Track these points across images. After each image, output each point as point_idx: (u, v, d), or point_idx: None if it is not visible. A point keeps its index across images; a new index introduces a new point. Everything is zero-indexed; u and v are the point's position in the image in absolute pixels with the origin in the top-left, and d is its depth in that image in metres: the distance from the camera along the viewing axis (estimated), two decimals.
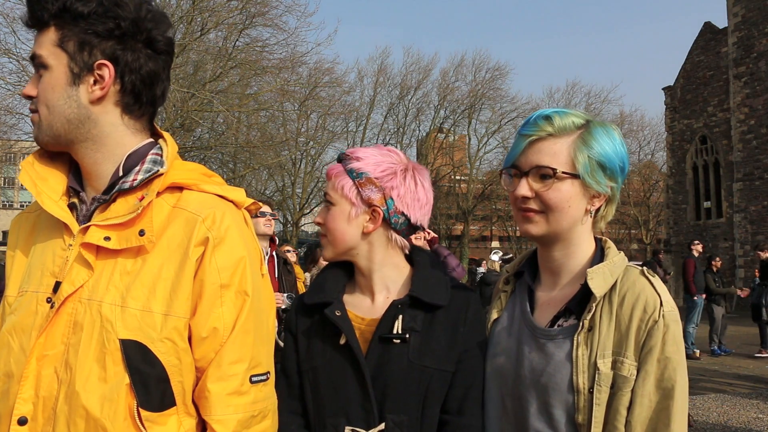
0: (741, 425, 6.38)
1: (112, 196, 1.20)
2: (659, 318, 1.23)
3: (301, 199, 31.90)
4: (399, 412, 1.33)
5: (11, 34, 14.88)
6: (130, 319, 1.11)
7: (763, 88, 20.14)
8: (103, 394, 1.09)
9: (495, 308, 1.49)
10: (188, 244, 1.17)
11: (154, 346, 1.12)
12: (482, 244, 46.48)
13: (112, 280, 1.14)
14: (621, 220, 45.40)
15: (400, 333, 1.36)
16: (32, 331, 1.14)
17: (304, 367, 1.41)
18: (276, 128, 22.60)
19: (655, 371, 1.22)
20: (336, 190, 1.45)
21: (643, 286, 1.28)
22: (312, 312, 1.45)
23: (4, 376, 1.14)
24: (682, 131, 24.31)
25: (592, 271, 1.30)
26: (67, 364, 1.11)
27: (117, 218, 1.16)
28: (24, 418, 1.10)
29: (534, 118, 1.36)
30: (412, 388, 1.35)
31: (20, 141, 19.45)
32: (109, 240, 1.15)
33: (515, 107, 37.40)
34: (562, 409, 1.26)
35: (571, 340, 1.28)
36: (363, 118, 35.41)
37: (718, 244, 22.06)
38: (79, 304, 1.13)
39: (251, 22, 17.62)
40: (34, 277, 1.19)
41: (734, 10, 21.13)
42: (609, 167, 1.34)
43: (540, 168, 1.31)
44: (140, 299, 1.13)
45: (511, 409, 1.35)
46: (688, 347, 10.69)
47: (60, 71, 1.17)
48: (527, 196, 1.32)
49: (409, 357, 1.35)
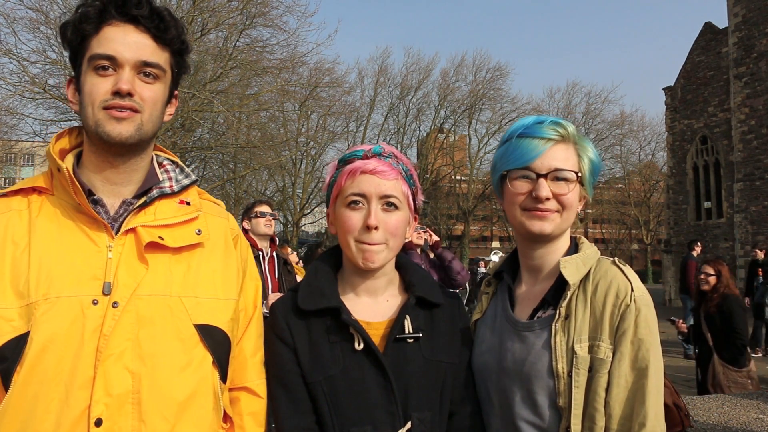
0: (741, 425, 6.37)
1: (152, 200, 1.29)
2: (631, 302, 1.31)
3: (301, 199, 31.92)
4: (423, 408, 1.35)
5: (12, 34, 14.89)
6: (201, 306, 1.26)
7: (764, 88, 20.12)
8: (189, 375, 1.22)
9: (477, 309, 1.59)
10: (226, 239, 1.39)
11: (224, 326, 1.30)
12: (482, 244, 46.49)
13: (172, 275, 1.24)
14: (621, 220, 45.39)
15: (411, 332, 1.38)
16: (85, 335, 1.14)
17: (315, 378, 1.34)
18: (276, 128, 22.64)
19: (629, 353, 1.29)
20: (401, 194, 1.41)
21: (614, 274, 1.36)
22: (309, 318, 1.38)
23: (64, 386, 1.13)
24: (682, 131, 24.29)
25: (564, 260, 1.40)
26: (141, 358, 1.17)
27: (168, 219, 1.28)
28: (99, 419, 1.12)
29: (543, 122, 1.42)
30: (431, 384, 1.38)
31: (20, 141, 19.44)
32: (163, 239, 1.24)
33: (515, 107, 37.51)
34: (545, 395, 1.33)
35: (549, 328, 1.35)
36: (363, 119, 35.46)
37: (719, 245, 22.05)
38: (139, 300, 1.19)
39: (252, 22, 17.64)
40: (61, 281, 1.16)
41: (735, 10, 21.11)
42: (596, 173, 1.47)
43: (560, 171, 1.39)
44: (208, 289, 1.29)
45: (497, 402, 1.42)
46: (687, 347, 10.70)
47: (164, 88, 1.30)
48: (550, 197, 1.39)
49: (423, 354, 1.38)
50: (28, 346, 1.12)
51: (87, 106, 1.23)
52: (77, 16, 1.24)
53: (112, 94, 1.22)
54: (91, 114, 1.23)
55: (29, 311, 1.14)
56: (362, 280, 1.45)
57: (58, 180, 1.26)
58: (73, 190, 1.21)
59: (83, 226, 1.22)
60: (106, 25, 1.24)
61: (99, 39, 1.23)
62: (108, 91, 1.22)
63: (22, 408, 1.11)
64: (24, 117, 16.41)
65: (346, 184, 1.40)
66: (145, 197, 1.28)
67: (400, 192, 1.40)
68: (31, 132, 17.12)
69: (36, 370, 1.12)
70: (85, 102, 1.24)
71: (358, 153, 1.41)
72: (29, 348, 1.12)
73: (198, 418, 1.23)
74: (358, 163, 1.39)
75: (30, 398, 1.11)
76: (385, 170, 1.38)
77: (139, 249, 1.22)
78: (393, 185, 1.39)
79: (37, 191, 1.27)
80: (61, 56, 15.17)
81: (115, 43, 1.23)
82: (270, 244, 4.88)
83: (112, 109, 1.22)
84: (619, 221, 45.58)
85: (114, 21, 1.24)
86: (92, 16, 1.23)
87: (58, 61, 15.10)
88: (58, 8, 14.96)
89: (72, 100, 1.29)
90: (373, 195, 1.38)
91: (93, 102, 1.22)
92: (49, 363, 1.12)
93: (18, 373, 1.12)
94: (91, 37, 1.24)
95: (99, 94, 1.22)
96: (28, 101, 15.88)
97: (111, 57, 1.22)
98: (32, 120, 16.78)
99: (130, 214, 1.26)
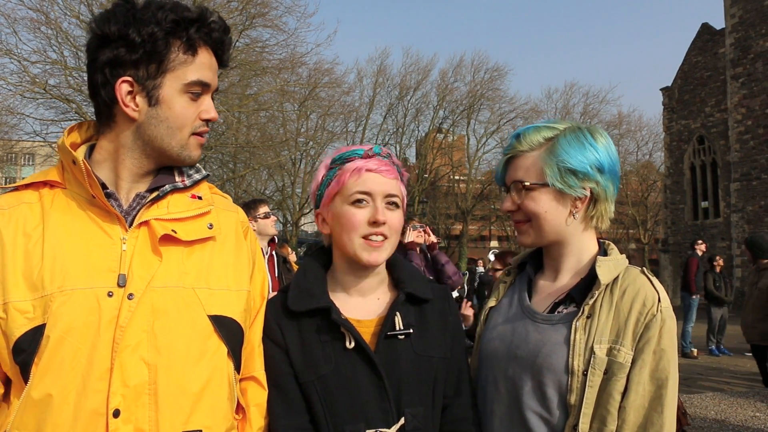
0: (738, 423, 6.44)
1: (164, 194, 1.30)
2: (657, 312, 1.32)
3: (300, 199, 31.87)
4: (415, 404, 1.36)
5: (12, 34, 14.88)
6: (215, 298, 1.28)
7: (761, 88, 20.20)
8: (204, 366, 1.24)
9: (493, 296, 1.60)
10: (236, 232, 1.40)
11: (238, 317, 1.32)
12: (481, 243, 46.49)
13: (185, 267, 1.26)
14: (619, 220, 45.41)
15: (402, 329, 1.39)
16: (101, 326, 1.16)
17: (308, 378, 1.36)
18: (276, 128, 22.64)
19: (650, 362, 1.31)
20: (400, 193, 1.45)
21: (643, 282, 1.38)
22: (300, 319, 1.40)
23: (81, 377, 1.14)
24: (679, 131, 24.36)
25: (600, 259, 1.41)
26: (157, 349, 1.18)
27: (181, 213, 1.30)
28: (117, 410, 1.14)
29: (511, 137, 1.51)
30: (423, 379, 1.39)
31: (21, 141, 19.44)
32: (175, 232, 1.26)
33: (514, 108, 37.50)
34: (555, 389, 1.34)
35: (569, 325, 1.36)
36: (362, 119, 35.42)
37: (716, 244, 22.11)
38: (153, 291, 1.21)
39: (251, 22, 17.63)
40: (76, 274, 1.17)
41: (731, 11, 21.18)
42: (580, 171, 1.41)
43: (515, 182, 1.46)
44: (221, 280, 1.31)
45: (504, 390, 1.43)
46: (686, 346, 10.73)
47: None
48: (511, 210, 1.48)
49: (414, 350, 1.39)
50: (45, 337, 1.13)
51: (177, 128, 1.28)
52: (171, 25, 1.23)
53: (202, 121, 1.31)
54: (179, 136, 1.29)
55: (44, 303, 1.14)
56: (355, 279, 1.45)
57: (71, 173, 1.26)
58: (90, 183, 1.21)
59: (97, 219, 1.23)
60: (200, 49, 1.28)
61: (195, 65, 1.27)
62: (197, 117, 1.30)
63: (40, 399, 1.12)
64: (24, 117, 16.39)
65: (349, 182, 1.40)
66: (157, 191, 1.29)
67: (400, 191, 1.44)
68: (31, 132, 17.04)
69: (53, 362, 1.13)
70: (177, 124, 1.28)
71: (359, 152, 1.42)
72: (46, 340, 1.13)
73: (213, 408, 1.24)
74: (361, 162, 1.40)
75: (48, 389, 1.12)
76: (387, 169, 1.41)
77: (153, 241, 1.23)
78: (395, 184, 1.43)
79: (49, 185, 1.27)
80: (61, 56, 15.18)
81: (210, 71, 1.30)
82: (269, 243, 4.90)
83: (201, 136, 1.33)
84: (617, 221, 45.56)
85: (204, 46, 1.29)
86: (195, 37, 1.27)
87: (58, 62, 15.10)
88: (58, 8, 14.97)
89: (128, 104, 1.25)
90: (378, 193, 1.40)
91: (184, 125, 1.29)
92: (65, 354, 1.13)
93: (36, 365, 1.13)
94: (183, 59, 1.26)
95: (191, 117, 1.29)
96: (28, 101, 15.88)
97: (206, 84, 1.30)
98: (33, 120, 16.77)
99: (143, 207, 1.26)
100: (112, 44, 1.22)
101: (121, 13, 1.22)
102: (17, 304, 1.14)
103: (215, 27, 1.29)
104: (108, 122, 1.29)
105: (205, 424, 1.23)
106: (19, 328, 1.13)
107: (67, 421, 1.12)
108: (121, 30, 1.21)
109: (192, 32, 1.25)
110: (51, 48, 15.27)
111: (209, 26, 1.28)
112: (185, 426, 1.20)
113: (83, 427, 1.13)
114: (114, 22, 1.22)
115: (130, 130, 1.27)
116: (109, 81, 1.23)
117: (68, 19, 15.03)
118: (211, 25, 1.28)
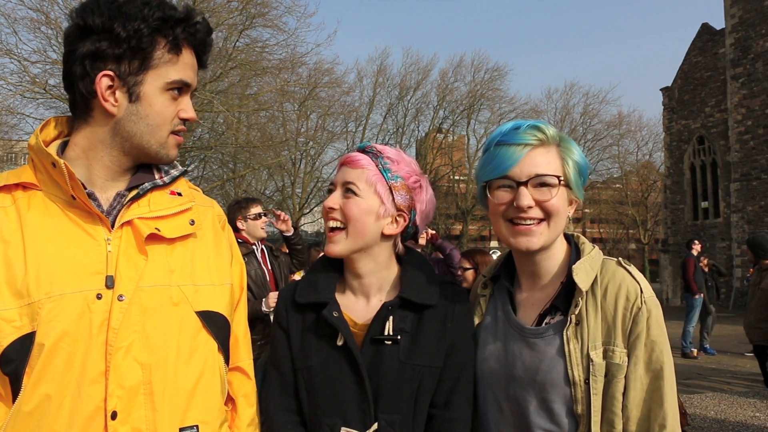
0: (738, 423, 6.44)
1: (144, 192, 1.27)
2: (642, 305, 1.30)
3: (300, 199, 31.88)
4: (391, 411, 1.34)
5: (12, 34, 14.91)
6: (200, 294, 1.28)
7: (760, 89, 20.21)
8: (196, 362, 1.25)
9: (476, 313, 1.50)
10: (214, 226, 1.41)
11: (224, 310, 1.33)
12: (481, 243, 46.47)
13: (169, 264, 1.25)
14: (619, 220, 45.41)
15: (390, 334, 1.37)
16: (93, 330, 1.14)
17: (299, 365, 1.40)
18: (276, 128, 22.64)
19: (644, 355, 1.28)
20: (366, 182, 1.41)
21: (622, 276, 1.34)
22: (304, 310, 1.43)
23: (75, 382, 1.12)
24: (679, 132, 24.37)
25: (576, 267, 1.35)
26: (150, 349, 1.18)
27: (163, 210, 1.28)
28: (114, 412, 1.13)
29: (519, 128, 1.37)
30: (403, 387, 1.35)
31: (21, 141, 19.44)
32: (159, 230, 1.24)
33: (514, 108, 37.50)
34: (561, 402, 1.31)
35: (561, 335, 1.32)
36: (362, 119, 35.42)
37: (716, 244, 22.14)
38: (142, 291, 1.19)
39: (251, 22, 17.67)
40: (63, 278, 1.14)
41: (731, 11, 21.19)
42: (584, 175, 1.40)
43: (541, 177, 1.32)
44: (205, 276, 1.31)
45: (509, 410, 1.38)
46: (686, 346, 10.74)
47: None
48: (532, 206, 1.32)
49: (399, 357, 1.36)
50: (37, 345, 1.10)
51: (157, 126, 1.25)
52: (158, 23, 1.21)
53: (180, 120, 1.29)
54: (159, 134, 1.26)
55: (32, 311, 1.10)
56: (352, 279, 1.47)
57: (46, 174, 1.21)
58: (72, 185, 1.17)
59: (79, 220, 1.19)
60: (184, 49, 1.26)
61: (179, 65, 1.25)
62: (176, 116, 1.28)
63: (35, 408, 1.10)
64: (25, 117, 16.46)
65: None
66: (137, 189, 1.27)
67: (364, 180, 1.41)
68: (31, 132, 17.04)
69: (47, 369, 1.10)
70: (157, 121, 1.25)
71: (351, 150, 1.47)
72: (39, 348, 1.10)
73: (207, 402, 1.26)
74: (343, 156, 1.48)
75: (42, 397, 1.10)
76: (354, 160, 1.42)
77: (137, 241, 1.22)
78: (357, 174, 1.41)
79: (22, 187, 1.21)
80: (61, 56, 15.15)
81: (192, 71, 1.29)
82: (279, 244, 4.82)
83: (179, 135, 1.30)
84: (617, 221, 45.60)
85: (188, 46, 1.28)
86: (176, 38, 1.25)
87: (58, 62, 15.11)
88: (58, 8, 14.99)
89: (107, 98, 1.21)
90: (338, 182, 1.44)
91: (164, 123, 1.26)
92: (59, 361, 1.11)
93: (28, 375, 1.10)
94: (167, 58, 1.24)
95: (170, 116, 1.27)
96: (28, 101, 15.94)
97: (188, 84, 1.28)
98: (33, 120, 16.78)
99: (124, 206, 1.24)
100: (94, 36, 1.18)
101: (105, 6, 1.19)
102: (2, 313, 1.10)
103: (200, 28, 1.28)
104: (84, 117, 1.25)
105: (201, 419, 1.24)
106: (5, 338, 1.09)
107: (63, 427, 1.10)
108: (105, 23, 1.17)
109: (178, 32, 1.23)
110: (51, 48, 15.33)
111: (195, 27, 1.26)
112: (182, 423, 1.21)
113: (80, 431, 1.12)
114: (98, 14, 1.18)
115: (108, 126, 1.23)
116: (88, 74, 1.19)
117: (68, 19, 15.03)
118: (196, 26, 1.27)
